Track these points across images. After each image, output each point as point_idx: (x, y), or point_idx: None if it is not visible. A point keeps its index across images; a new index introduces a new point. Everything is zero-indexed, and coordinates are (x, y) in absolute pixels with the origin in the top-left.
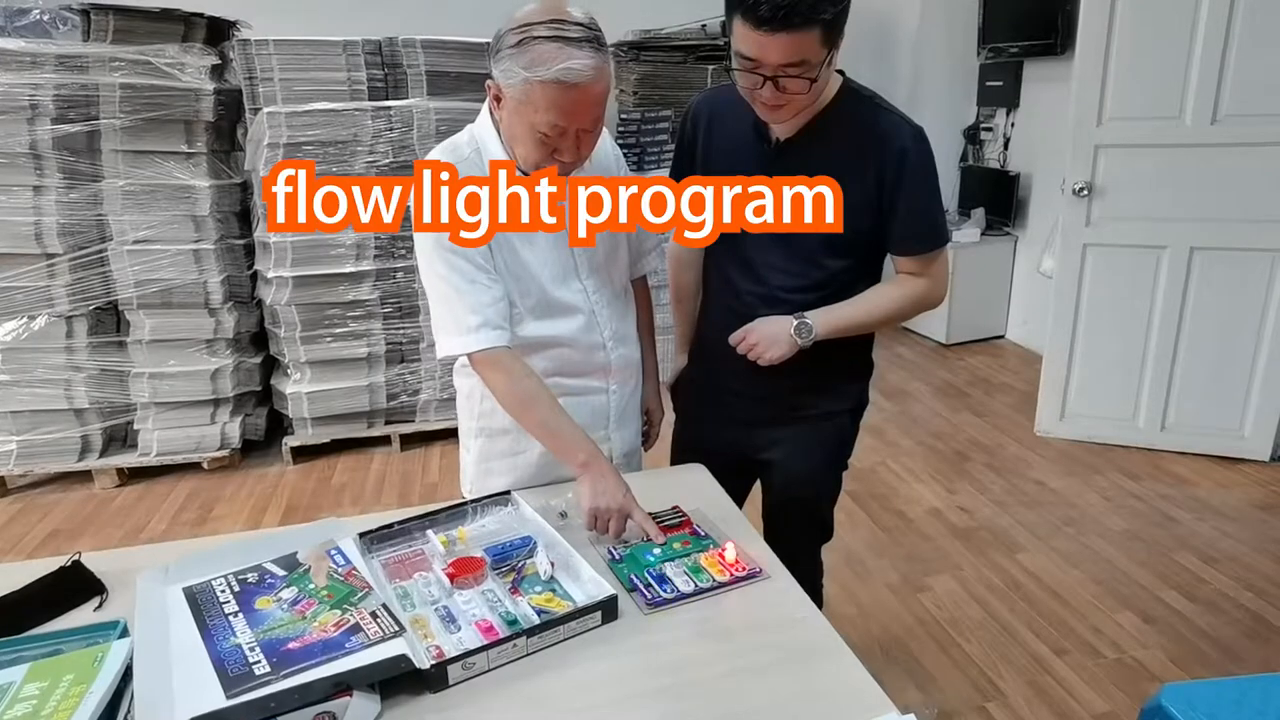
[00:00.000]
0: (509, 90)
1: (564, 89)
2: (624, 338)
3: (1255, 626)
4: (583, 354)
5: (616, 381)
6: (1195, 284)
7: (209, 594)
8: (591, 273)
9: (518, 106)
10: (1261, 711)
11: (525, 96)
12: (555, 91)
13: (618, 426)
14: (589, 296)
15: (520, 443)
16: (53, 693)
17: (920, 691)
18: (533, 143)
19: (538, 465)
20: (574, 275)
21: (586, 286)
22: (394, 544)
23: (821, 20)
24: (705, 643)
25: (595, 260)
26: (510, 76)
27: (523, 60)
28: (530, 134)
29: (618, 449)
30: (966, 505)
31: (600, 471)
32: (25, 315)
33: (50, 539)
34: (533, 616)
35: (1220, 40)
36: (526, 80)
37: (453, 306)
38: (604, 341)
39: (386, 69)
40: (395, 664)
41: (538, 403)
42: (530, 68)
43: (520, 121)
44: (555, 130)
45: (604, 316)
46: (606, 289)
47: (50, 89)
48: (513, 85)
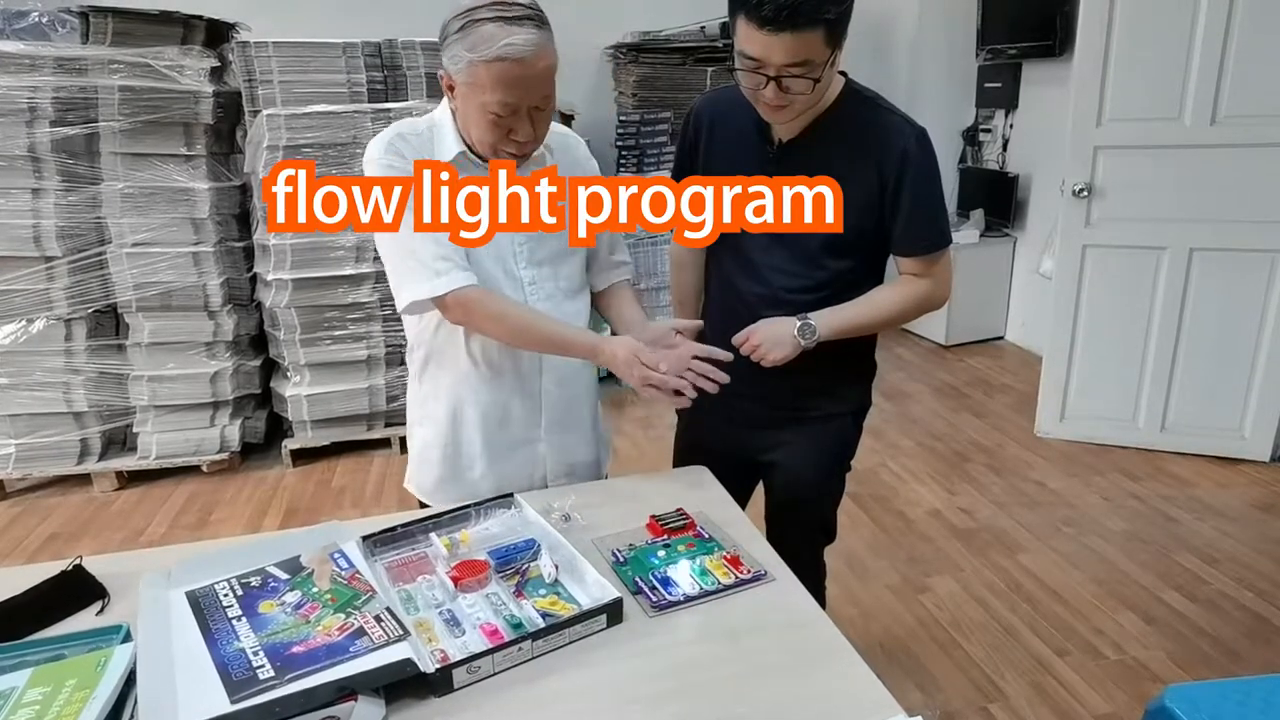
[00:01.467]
0: (458, 76)
1: (508, 65)
2: None
3: (1256, 627)
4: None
5: (551, 380)
6: (1195, 285)
7: (212, 598)
8: (532, 264)
9: (468, 90)
10: (1265, 712)
11: (473, 79)
12: (500, 69)
13: (555, 430)
14: (523, 287)
15: (450, 434)
16: (55, 698)
17: (922, 693)
18: (486, 124)
19: (467, 457)
20: (512, 261)
21: (523, 277)
22: (397, 547)
23: (825, 20)
24: (711, 645)
25: (539, 253)
26: (457, 61)
27: (466, 43)
28: (482, 115)
29: (553, 459)
30: (967, 506)
31: (610, 352)
32: (24, 318)
33: (50, 542)
34: (537, 620)
35: (1219, 41)
36: (471, 62)
37: (418, 254)
38: None
39: (386, 71)
40: (400, 668)
41: (531, 324)
42: (474, 49)
43: (472, 105)
44: (506, 109)
45: (538, 310)
46: (548, 284)
47: (49, 91)
48: (460, 70)
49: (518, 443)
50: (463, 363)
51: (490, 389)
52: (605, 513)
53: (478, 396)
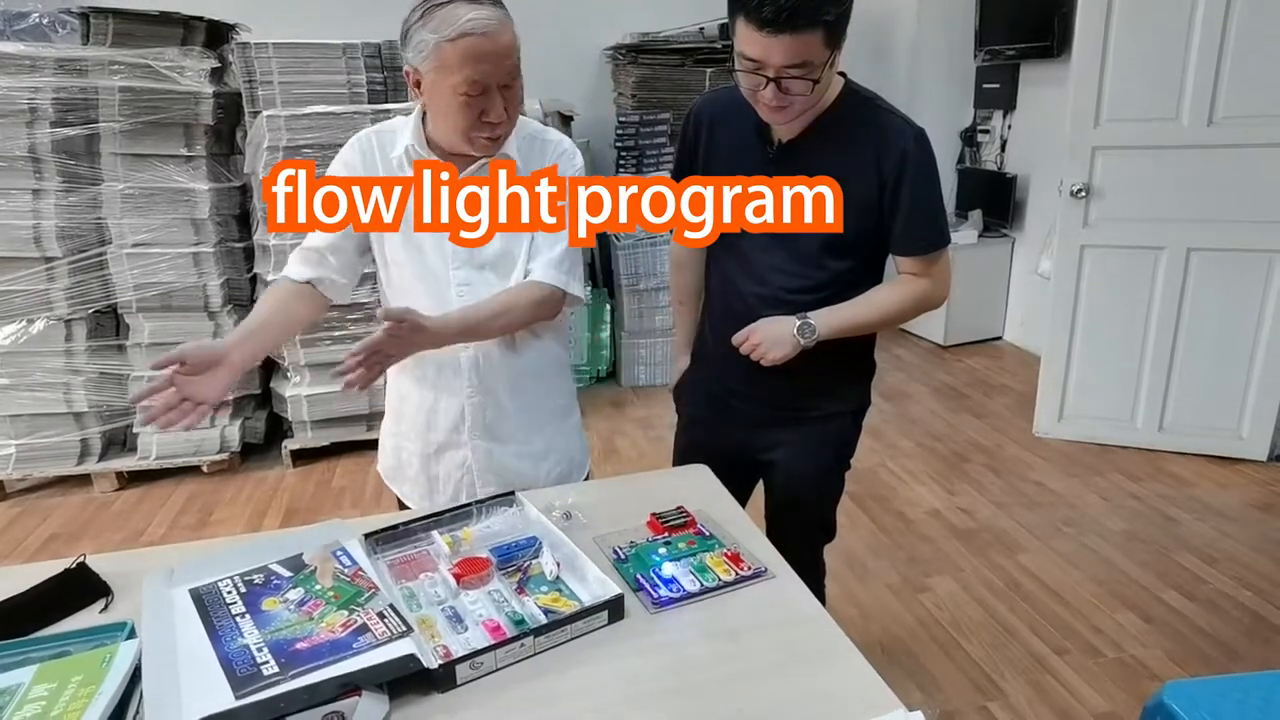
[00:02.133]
0: (424, 64)
1: (474, 40)
2: (488, 343)
3: (1255, 626)
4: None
5: (471, 386)
6: (1193, 285)
7: (215, 595)
8: (469, 267)
9: (436, 77)
10: (1264, 709)
11: (440, 61)
12: (466, 44)
13: (483, 435)
14: (453, 288)
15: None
16: (61, 694)
17: (922, 692)
18: (457, 107)
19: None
20: (445, 262)
21: (452, 279)
22: (399, 545)
23: (824, 22)
24: (712, 642)
25: (479, 257)
26: (422, 49)
27: (430, 26)
28: (453, 98)
29: (479, 466)
30: (966, 506)
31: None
32: (24, 319)
33: (50, 543)
34: (539, 616)
35: (1216, 42)
36: (437, 43)
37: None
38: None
39: (386, 72)
40: (403, 664)
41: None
42: (438, 30)
43: (442, 90)
44: (475, 87)
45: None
46: (482, 288)
47: (49, 92)
48: (425, 56)
49: (445, 446)
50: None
51: (419, 388)
52: (606, 511)
53: (412, 394)
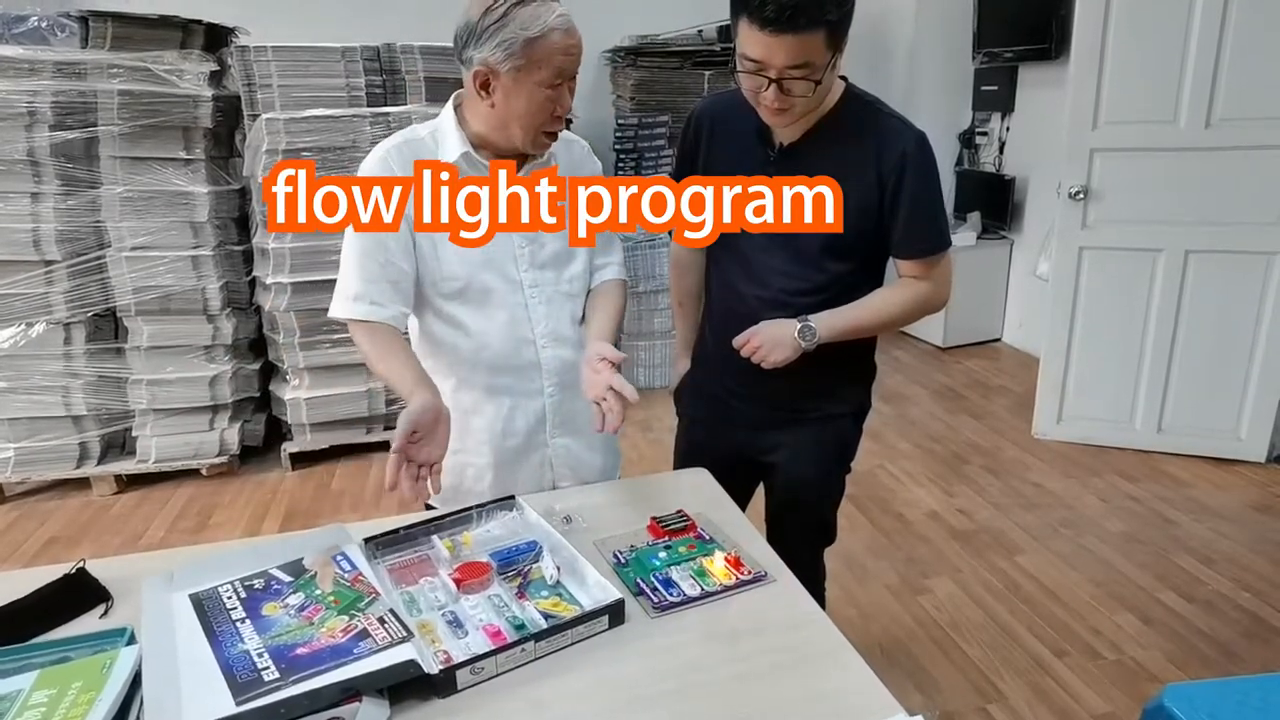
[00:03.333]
0: (506, 63)
1: (559, 35)
2: (562, 339)
3: (1253, 627)
4: (511, 346)
5: (552, 385)
6: (1190, 287)
7: (215, 600)
8: (534, 268)
9: (519, 74)
10: (1263, 711)
11: (529, 57)
12: (553, 40)
13: (563, 432)
14: (524, 290)
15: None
16: (62, 700)
17: (921, 694)
18: (539, 104)
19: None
20: (512, 264)
21: (523, 280)
22: (399, 550)
23: (827, 22)
24: (712, 646)
25: (541, 256)
26: (506, 47)
27: (513, 27)
28: (535, 94)
29: (559, 464)
30: (965, 508)
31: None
32: (23, 322)
33: (49, 546)
34: (540, 621)
35: (1214, 44)
36: (527, 41)
37: (345, 275)
38: (534, 338)
39: (385, 75)
40: (404, 669)
41: (382, 358)
42: (526, 28)
43: (523, 88)
44: (560, 77)
45: (538, 313)
46: (549, 287)
47: (48, 96)
48: (512, 54)
49: (524, 450)
50: (460, 372)
51: (492, 398)
52: (606, 515)
53: (480, 408)
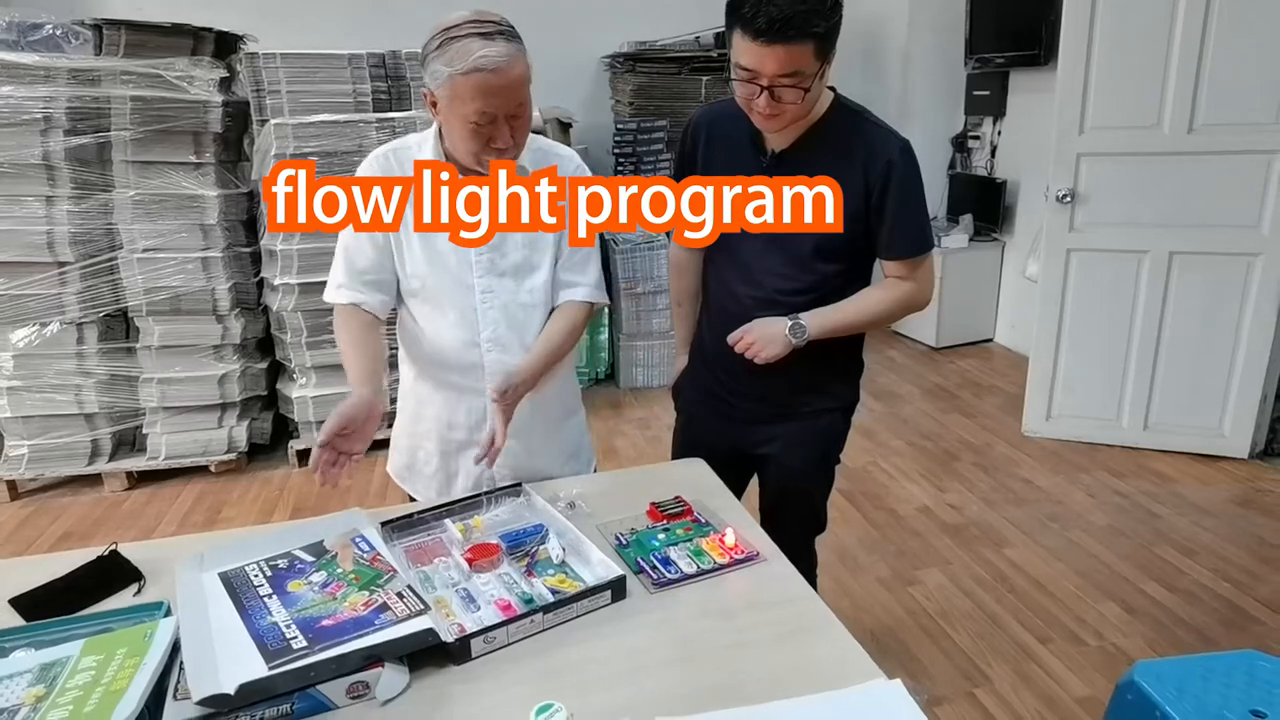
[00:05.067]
0: (439, 90)
1: (484, 76)
2: (506, 345)
3: (1231, 615)
4: (457, 347)
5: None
6: (1175, 287)
7: (243, 578)
8: (490, 274)
9: (449, 103)
10: (1226, 684)
11: (452, 91)
12: (476, 80)
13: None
14: (475, 294)
15: (410, 425)
16: (109, 664)
17: (911, 679)
18: (467, 133)
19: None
20: (468, 270)
21: (476, 285)
22: (414, 532)
23: (815, 34)
24: (708, 619)
25: (500, 264)
26: (437, 77)
27: (444, 59)
28: (463, 126)
29: (503, 461)
30: (956, 503)
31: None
32: (37, 322)
33: (62, 540)
34: (547, 596)
35: (1195, 51)
36: (451, 75)
37: (336, 263)
38: (479, 341)
39: (390, 81)
40: (423, 638)
41: (344, 349)
42: (451, 63)
43: (453, 117)
44: (484, 117)
45: (487, 318)
46: (504, 295)
47: (63, 102)
48: (440, 84)
49: (466, 443)
50: (419, 364)
51: (440, 391)
52: (608, 500)
53: (432, 399)
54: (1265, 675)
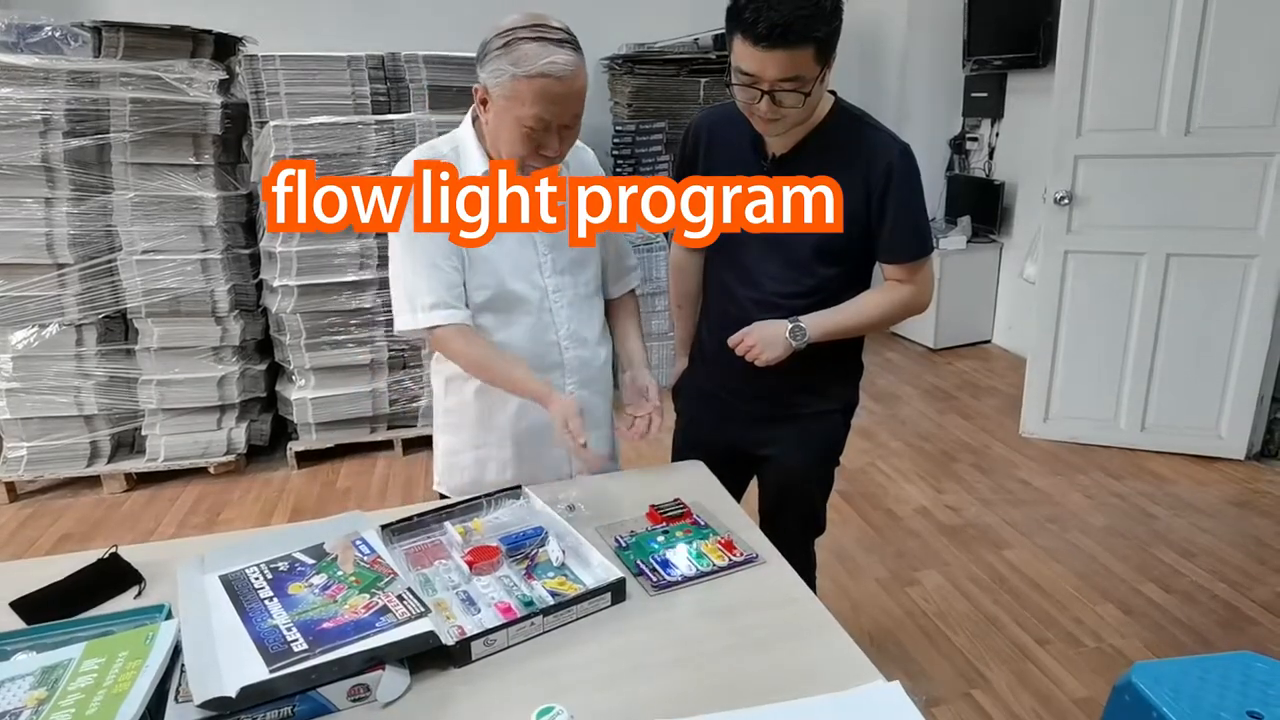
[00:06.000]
0: (496, 89)
1: (549, 82)
2: (582, 340)
3: (1228, 616)
4: (537, 349)
5: (574, 383)
6: (1172, 289)
7: (244, 581)
8: (555, 273)
9: (505, 104)
10: (1223, 686)
11: (512, 93)
12: (541, 85)
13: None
14: (547, 294)
15: (479, 437)
16: (111, 667)
17: (909, 680)
18: (518, 137)
19: (498, 461)
20: (536, 272)
21: (547, 284)
22: (414, 535)
23: (815, 39)
24: (707, 621)
25: (560, 262)
26: (498, 75)
27: (509, 59)
28: (516, 128)
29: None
30: (954, 504)
31: (553, 397)
32: (36, 324)
33: (62, 542)
34: (547, 598)
35: (1192, 55)
36: (514, 76)
37: (411, 287)
38: (558, 340)
39: (389, 83)
40: (424, 640)
41: (491, 361)
42: (517, 64)
43: (506, 118)
44: (540, 123)
45: (561, 316)
46: (570, 290)
47: (62, 104)
48: (500, 84)
49: (545, 445)
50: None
51: (516, 399)
52: (607, 503)
53: (504, 405)
54: (1261, 676)
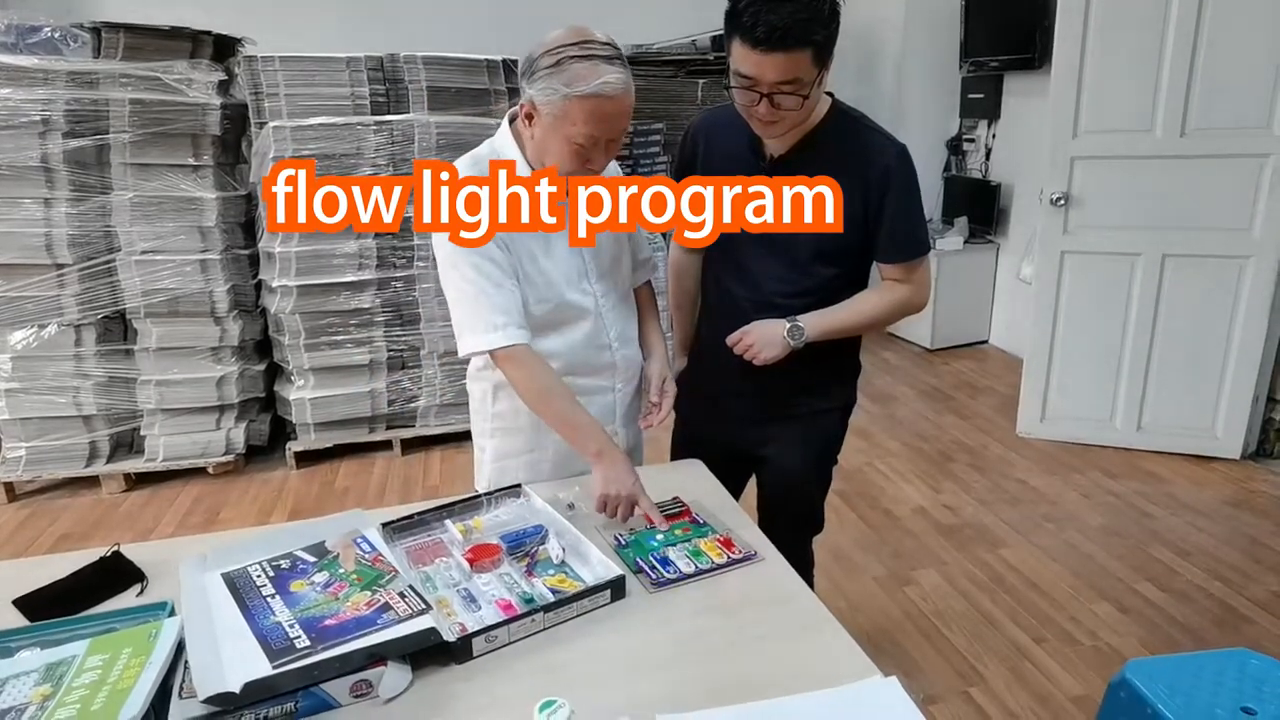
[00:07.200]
0: (546, 107)
1: (601, 102)
2: (628, 339)
3: (1223, 614)
4: (591, 354)
5: (621, 380)
6: (1168, 290)
7: (246, 579)
8: (600, 277)
9: (554, 122)
10: (1216, 682)
11: (564, 112)
12: (593, 104)
13: (624, 423)
14: (597, 300)
15: (534, 440)
16: (115, 663)
17: (906, 678)
18: (568, 154)
19: (552, 462)
20: (585, 278)
21: (595, 290)
22: (414, 533)
23: (813, 42)
24: (706, 618)
25: (603, 266)
26: (549, 94)
27: (561, 79)
28: (566, 146)
29: (622, 443)
30: (951, 503)
31: (612, 460)
32: (35, 324)
33: (61, 542)
34: (548, 595)
35: (1187, 57)
36: (566, 97)
37: (478, 307)
38: (610, 342)
39: (388, 84)
40: (425, 636)
41: (554, 396)
42: (570, 85)
43: (556, 136)
44: (590, 140)
45: (610, 319)
46: (613, 293)
47: (61, 104)
48: (551, 102)
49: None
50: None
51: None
52: None
53: None
54: (1255, 673)
